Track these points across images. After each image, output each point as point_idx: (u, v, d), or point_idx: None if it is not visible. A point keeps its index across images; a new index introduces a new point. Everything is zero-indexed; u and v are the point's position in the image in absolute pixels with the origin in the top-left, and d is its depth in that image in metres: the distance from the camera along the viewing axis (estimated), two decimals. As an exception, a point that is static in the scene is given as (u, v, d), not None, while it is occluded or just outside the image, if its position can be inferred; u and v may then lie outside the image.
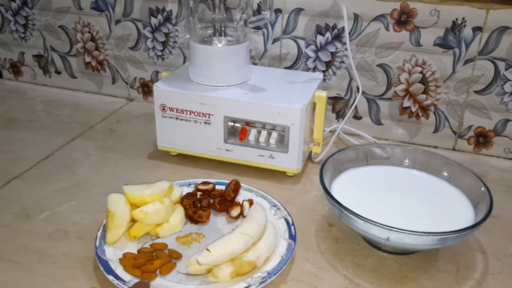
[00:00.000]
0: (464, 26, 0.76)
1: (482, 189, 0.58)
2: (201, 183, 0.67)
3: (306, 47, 0.86)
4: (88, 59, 1.03)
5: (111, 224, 0.56)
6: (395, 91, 0.84)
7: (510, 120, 0.80)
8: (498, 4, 0.73)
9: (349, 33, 0.81)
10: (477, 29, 0.75)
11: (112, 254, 0.55)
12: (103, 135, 0.88)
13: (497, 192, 0.72)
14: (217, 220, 0.63)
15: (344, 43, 0.82)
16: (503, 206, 0.69)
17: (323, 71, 0.86)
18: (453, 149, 0.85)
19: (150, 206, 0.57)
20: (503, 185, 0.75)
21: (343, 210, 0.54)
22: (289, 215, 0.62)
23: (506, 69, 0.76)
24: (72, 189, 0.70)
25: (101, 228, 0.58)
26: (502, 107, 0.79)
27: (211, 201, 0.65)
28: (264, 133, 0.72)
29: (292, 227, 0.60)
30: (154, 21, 0.94)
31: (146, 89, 1.01)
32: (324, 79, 0.87)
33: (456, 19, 0.76)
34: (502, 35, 0.74)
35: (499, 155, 0.83)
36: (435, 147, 0.86)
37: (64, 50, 1.04)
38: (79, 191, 0.70)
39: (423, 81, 0.81)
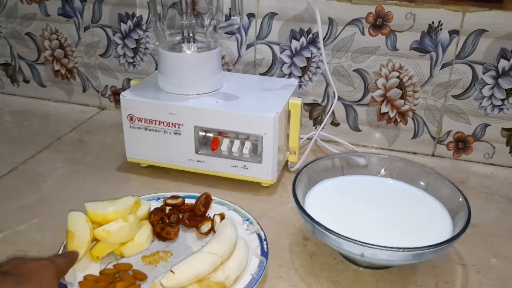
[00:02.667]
0: (441, 29, 0.74)
1: (460, 199, 0.56)
2: (170, 197, 0.64)
3: (281, 53, 0.83)
4: (57, 67, 0.99)
5: (71, 244, 0.53)
6: (372, 97, 0.82)
7: (489, 125, 0.78)
8: (474, 6, 0.72)
9: (324, 38, 0.79)
10: (453, 33, 0.73)
11: (72, 277, 0.51)
12: (72, 146, 0.84)
13: (477, 199, 0.71)
14: (187, 237, 0.60)
15: (319, 48, 0.80)
16: (483, 214, 0.67)
17: (299, 77, 0.84)
18: (433, 155, 0.83)
19: (113, 224, 0.54)
20: (483, 191, 0.73)
21: (316, 225, 0.51)
22: (262, 230, 0.59)
23: (484, 73, 0.75)
24: (35, 206, 0.67)
25: (61, 248, 0.55)
26: (481, 111, 0.77)
27: (180, 216, 0.62)
28: (237, 143, 0.69)
29: (265, 242, 0.57)
30: (124, 27, 0.90)
31: (117, 97, 0.97)
32: (300, 85, 0.84)
33: (432, 23, 0.74)
34: (479, 38, 0.73)
35: (479, 161, 0.81)
36: (415, 153, 0.84)
37: (32, 58, 1.00)
38: (42, 208, 0.67)
39: (401, 86, 0.79)
